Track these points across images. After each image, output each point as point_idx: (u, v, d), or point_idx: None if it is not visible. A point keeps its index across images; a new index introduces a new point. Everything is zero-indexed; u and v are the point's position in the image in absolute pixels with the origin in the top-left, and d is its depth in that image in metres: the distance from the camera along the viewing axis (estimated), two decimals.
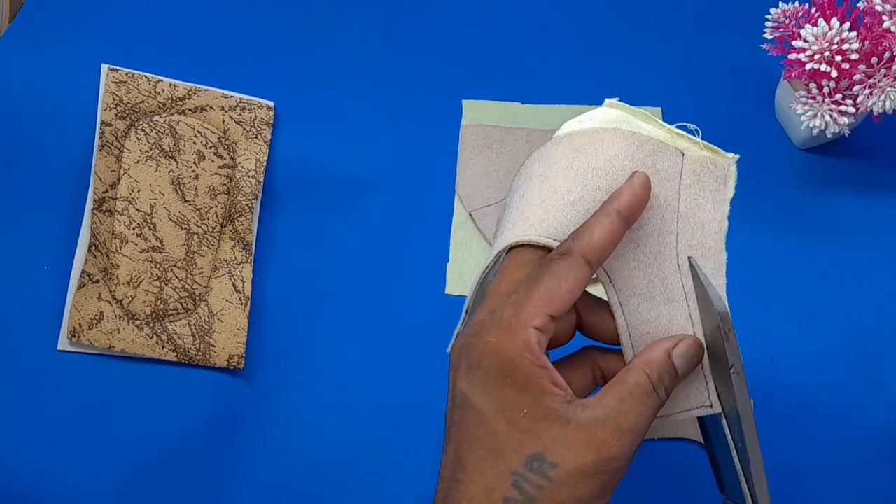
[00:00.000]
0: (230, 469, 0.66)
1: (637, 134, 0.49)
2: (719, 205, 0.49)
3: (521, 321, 0.41)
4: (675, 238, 0.48)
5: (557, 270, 0.42)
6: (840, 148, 0.74)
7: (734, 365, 0.45)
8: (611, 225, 0.44)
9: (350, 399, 0.67)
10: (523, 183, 0.50)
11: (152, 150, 0.70)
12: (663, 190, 0.48)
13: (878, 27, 0.66)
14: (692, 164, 0.49)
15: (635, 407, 0.41)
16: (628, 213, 0.45)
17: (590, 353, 0.50)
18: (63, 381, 0.66)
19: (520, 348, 0.41)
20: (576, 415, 0.40)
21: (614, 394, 0.42)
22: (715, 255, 0.48)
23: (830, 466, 0.65)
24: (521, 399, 0.40)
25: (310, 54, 0.77)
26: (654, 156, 0.49)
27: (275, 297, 0.70)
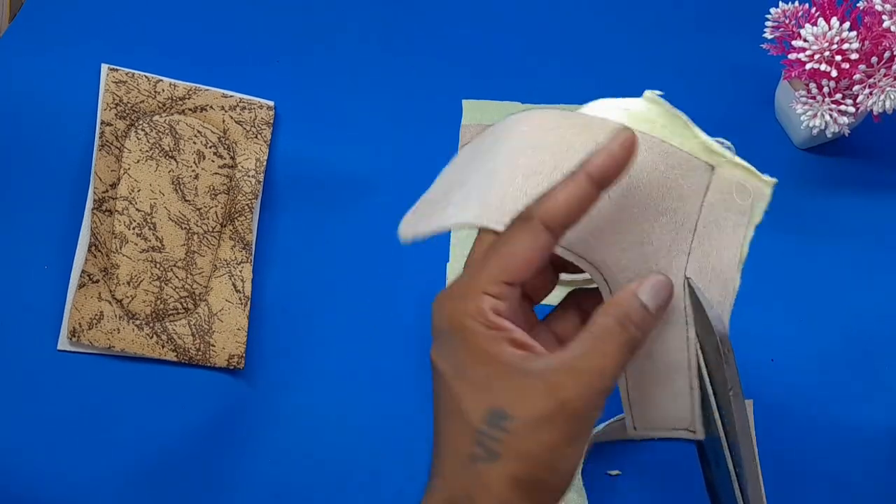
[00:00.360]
0: (230, 469, 0.65)
1: (663, 144, 0.46)
2: (741, 229, 0.46)
3: (474, 287, 0.41)
4: (686, 258, 0.46)
5: (515, 237, 0.41)
6: (840, 148, 0.74)
7: (733, 387, 0.44)
8: (577, 189, 0.41)
9: (350, 399, 0.67)
10: (516, 135, 0.46)
11: (152, 150, 0.70)
12: (682, 206, 0.46)
13: (878, 27, 0.66)
14: (721, 182, 0.46)
15: (597, 347, 0.40)
16: (600, 176, 0.41)
17: (573, 297, 0.49)
18: (63, 381, 0.66)
19: (472, 312, 0.41)
20: (533, 366, 0.40)
21: (577, 339, 0.41)
22: (724, 283, 0.46)
23: (830, 466, 0.65)
24: (476, 359, 0.40)
25: (310, 54, 0.77)
26: (678, 169, 0.46)
27: (275, 297, 0.70)
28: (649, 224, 0.45)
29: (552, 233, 0.41)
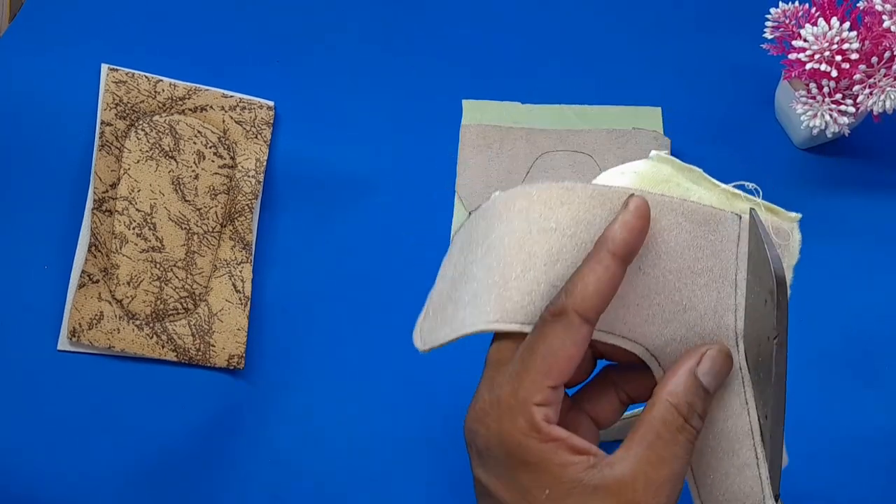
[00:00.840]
0: (230, 469, 0.65)
1: (684, 202, 0.43)
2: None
3: (521, 400, 0.38)
4: (733, 315, 0.43)
5: (553, 336, 0.39)
6: (840, 148, 0.74)
7: (779, 335, 0.42)
8: (606, 272, 0.39)
9: (350, 399, 0.67)
10: (516, 216, 0.43)
11: (152, 150, 0.70)
12: (718, 262, 0.43)
13: (878, 27, 0.66)
14: (748, 228, 0.44)
15: (667, 451, 0.38)
16: (625, 251, 0.40)
17: (609, 377, 0.46)
18: (63, 381, 0.66)
19: (524, 430, 0.38)
20: (602, 478, 0.37)
21: (641, 440, 0.38)
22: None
23: (830, 466, 0.65)
24: (539, 481, 0.37)
25: (310, 54, 0.77)
26: (706, 226, 0.43)
27: (275, 297, 0.70)
28: (688, 288, 0.43)
29: (589, 323, 0.39)
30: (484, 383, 0.41)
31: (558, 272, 0.42)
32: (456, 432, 0.66)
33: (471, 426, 0.40)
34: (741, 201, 0.45)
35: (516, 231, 0.43)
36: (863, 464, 0.65)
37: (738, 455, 0.43)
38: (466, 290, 0.44)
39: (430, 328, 0.45)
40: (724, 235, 0.44)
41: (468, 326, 0.42)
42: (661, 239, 0.42)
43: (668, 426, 0.38)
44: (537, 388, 0.38)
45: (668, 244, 0.43)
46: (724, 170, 0.73)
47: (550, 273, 0.42)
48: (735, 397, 0.43)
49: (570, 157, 0.73)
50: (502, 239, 0.43)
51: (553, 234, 0.42)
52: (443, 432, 0.66)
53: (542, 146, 0.74)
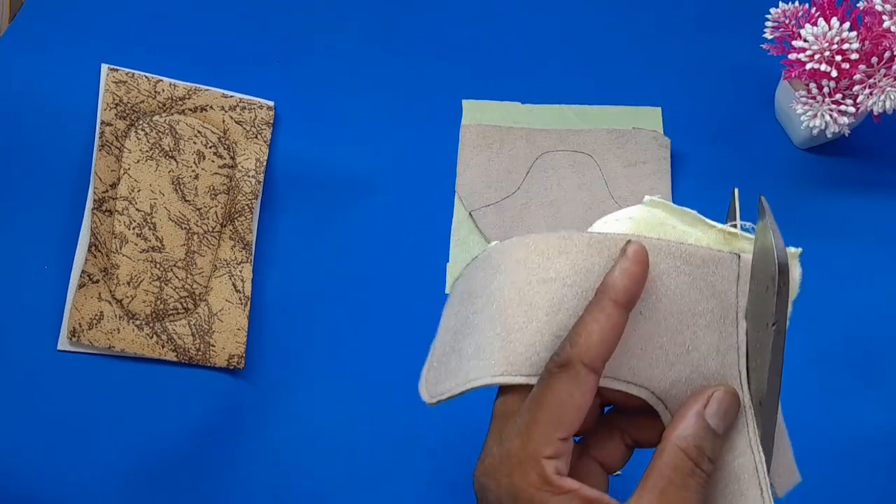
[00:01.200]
0: (230, 469, 0.65)
1: (681, 245, 0.43)
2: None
3: (531, 453, 0.38)
4: (736, 353, 0.43)
5: (560, 387, 0.38)
6: (840, 148, 0.74)
7: (778, 322, 0.42)
8: (609, 320, 0.39)
9: (350, 399, 0.67)
10: (513, 267, 0.43)
11: (152, 150, 0.70)
12: (718, 303, 0.43)
13: (878, 27, 0.66)
14: (749, 267, 0.44)
15: (678, 496, 0.37)
16: (626, 298, 0.39)
17: (615, 422, 0.46)
18: (63, 381, 0.66)
19: (536, 484, 0.38)
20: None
21: (652, 488, 0.38)
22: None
23: (830, 467, 0.65)
24: None
25: (310, 54, 0.77)
26: (704, 267, 0.43)
27: (275, 297, 0.70)
28: (690, 330, 0.43)
29: (595, 372, 0.39)
30: (492, 437, 0.40)
31: (561, 322, 0.42)
32: (455, 432, 0.66)
33: (481, 481, 0.40)
34: (739, 240, 0.44)
35: (516, 282, 0.43)
36: (863, 463, 0.65)
37: (746, 496, 0.42)
38: (469, 343, 0.43)
39: (436, 380, 0.45)
40: (723, 276, 0.43)
41: (473, 380, 0.42)
42: (661, 283, 0.42)
43: (678, 472, 0.38)
44: (547, 441, 0.38)
45: (667, 288, 0.42)
46: (724, 170, 0.74)
47: (553, 323, 0.41)
48: (742, 437, 0.42)
49: (570, 157, 0.73)
50: (502, 290, 0.43)
51: (553, 284, 0.42)
52: (442, 432, 0.66)
53: (542, 146, 0.74)
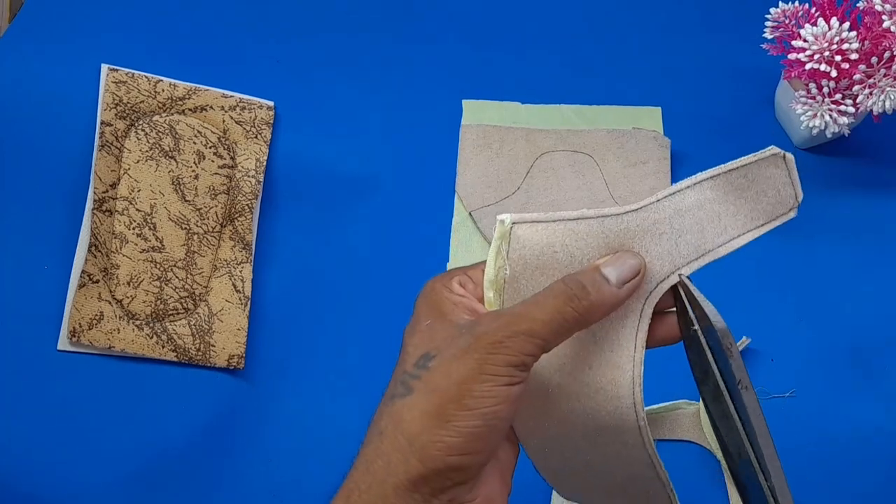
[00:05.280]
0: (230, 469, 0.65)
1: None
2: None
3: (454, 271, 0.44)
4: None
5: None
6: (840, 148, 0.74)
7: (741, 380, 0.43)
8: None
9: (350, 399, 0.67)
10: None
11: (152, 150, 0.70)
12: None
13: (878, 27, 0.66)
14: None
15: (531, 298, 0.40)
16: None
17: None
18: (63, 381, 0.66)
19: (442, 282, 0.43)
20: (471, 322, 0.40)
21: (531, 301, 0.40)
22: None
23: (830, 466, 0.65)
24: (429, 313, 0.42)
25: (310, 54, 0.77)
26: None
27: (275, 297, 0.70)
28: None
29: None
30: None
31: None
32: None
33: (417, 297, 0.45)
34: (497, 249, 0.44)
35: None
36: (863, 463, 0.65)
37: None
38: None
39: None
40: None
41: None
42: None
43: (548, 289, 0.40)
44: (471, 269, 0.44)
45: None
46: None
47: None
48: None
49: (570, 157, 0.73)
50: None
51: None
52: None
53: (542, 146, 0.74)
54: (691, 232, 0.43)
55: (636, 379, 0.43)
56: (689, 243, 0.43)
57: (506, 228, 0.41)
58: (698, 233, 0.43)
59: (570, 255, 0.42)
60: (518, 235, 0.41)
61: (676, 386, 0.65)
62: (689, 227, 0.43)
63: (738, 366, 0.43)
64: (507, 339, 0.38)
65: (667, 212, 0.43)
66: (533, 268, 0.42)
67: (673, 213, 0.43)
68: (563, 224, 0.42)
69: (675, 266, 0.43)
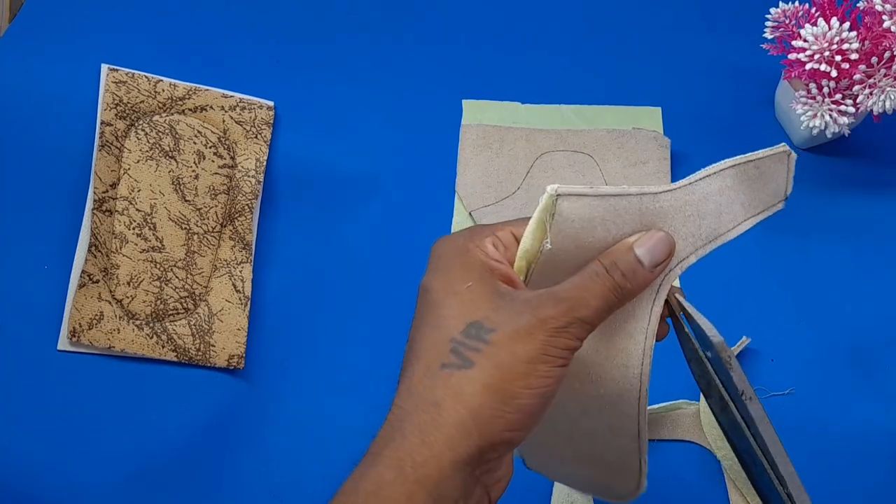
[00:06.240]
0: (230, 469, 0.65)
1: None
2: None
3: (485, 229, 0.43)
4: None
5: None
6: (840, 148, 0.74)
7: (744, 391, 0.44)
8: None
9: (350, 399, 0.67)
10: None
11: (152, 150, 0.70)
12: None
13: (878, 27, 0.66)
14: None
15: (580, 282, 0.41)
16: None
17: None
18: (63, 381, 0.66)
19: (475, 242, 0.42)
20: (519, 295, 0.41)
21: (565, 281, 0.42)
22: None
23: (830, 466, 0.65)
24: (466, 275, 0.41)
25: (310, 54, 0.77)
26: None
27: (275, 297, 0.70)
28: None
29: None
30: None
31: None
32: None
33: (437, 241, 0.44)
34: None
35: None
36: (863, 463, 0.65)
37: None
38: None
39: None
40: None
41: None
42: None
43: (590, 270, 0.42)
44: (502, 228, 0.43)
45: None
46: None
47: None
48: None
49: (570, 157, 0.73)
50: None
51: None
52: None
53: (542, 146, 0.74)
54: (711, 216, 0.44)
55: (647, 350, 0.44)
56: (709, 227, 0.44)
57: (551, 201, 0.41)
58: (716, 217, 0.44)
59: (607, 231, 0.42)
60: (563, 209, 0.41)
61: (676, 386, 0.65)
62: (711, 212, 0.44)
63: (739, 377, 0.44)
64: (569, 325, 0.40)
65: (696, 195, 0.43)
66: (570, 241, 0.42)
67: (701, 197, 0.44)
68: (604, 199, 0.42)
69: (695, 247, 0.44)
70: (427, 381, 0.40)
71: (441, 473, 0.39)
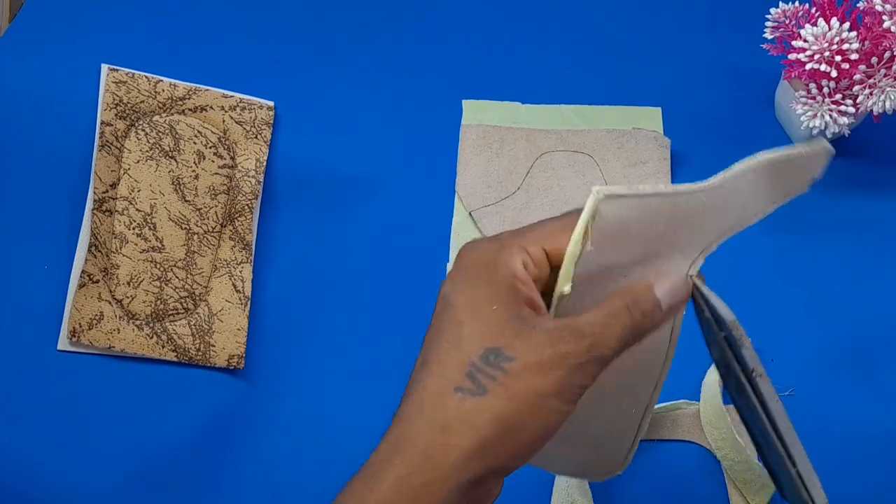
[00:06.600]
0: (230, 469, 0.65)
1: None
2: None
3: (517, 242, 0.42)
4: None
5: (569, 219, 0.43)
6: (840, 148, 0.74)
7: (755, 368, 0.44)
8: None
9: (350, 399, 0.67)
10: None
11: (152, 150, 0.70)
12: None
13: (878, 27, 0.66)
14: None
15: (601, 318, 0.41)
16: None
17: None
18: (63, 381, 0.66)
19: (505, 259, 0.41)
20: (542, 323, 0.40)
21: (585, 314, 0.42)
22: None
23: (830, 466, 0.65)
24: (493, 297, 0.41)
25: (310, 54, 0.77)
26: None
27: (275, 297, 0.70)
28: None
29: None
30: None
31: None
32: None
33: (464, 247, 0.43)
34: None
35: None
36: (863, 463, 0.65)
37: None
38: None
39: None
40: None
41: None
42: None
43: (610, 306, 0.42)
44: (532, 242, 0.42)
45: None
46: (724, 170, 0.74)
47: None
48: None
49: (570, 157, 0.73)
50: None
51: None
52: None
53: (542, 146, 0.74)
54: (738, 208, 0.44)
55: (674, 333, 0.45)
56: (733, 218, 0.44)
57: (596, 204, 0.41)
58: (741, 209, 0.44)
59: (641, 231, 0.42)
60: (601, 211, 0.41)
61: (676, 386, 0.65)
62: (738, 205, 0.44)
63: (751, 355, 0.44)
64: (587, 364, 0.40)
65: (728, 190, 0.43)
66: (608, 241, 0.42)
67: (731, 191, 0.43)
68: (640, 199, 0.42)
69: (718, 236, 0.44)
70: (438, 402, 0.40)
71: (442, 496, 0.39)
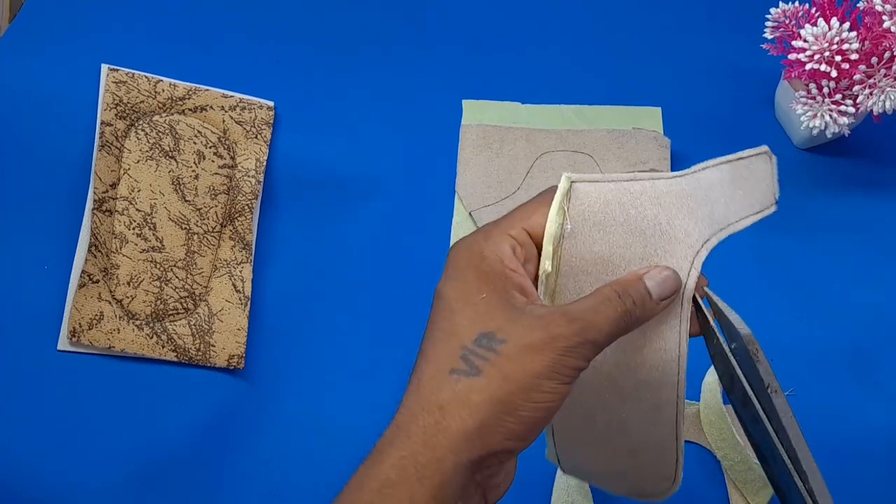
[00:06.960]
0: (230, 469, 0.65)
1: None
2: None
3: (500, 229, 0.44)
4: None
5: (538, 201, 0.44)
6: (840, 148, 0.74)
7: (770, 384, 0.45)
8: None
9: (350, 399, 0.67)
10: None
11: (152, 150, 0.70)
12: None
13: (878, 27, 0.66)
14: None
15: (593, 304, 0.42)
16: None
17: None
18: (63, 381, 0.66)
19: (491, 248, 0.43)
20: (534, 309, 0.41)
21: (576, 301, 0.43)
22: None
23: (830, 466, 0.65)
24: (482, 285, 0.42)
25: (310, 54, 0.77)
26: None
27: (275, 297, 0.70)
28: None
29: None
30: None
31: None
32: None
33: (453, 246, 0.45)
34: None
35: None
36: (862, 463, 0.65)
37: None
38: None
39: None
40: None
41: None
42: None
43: (601, 294, 0.43)
44: (514, 224, 0.44)
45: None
46: None
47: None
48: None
49: (570, 157, 0.73)
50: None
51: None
52: None
53: (542, 146, 0.74)
54: (720, 204, 0.45)
55: (683, 334, 0.45)
56: (720, 213, 0.45)
57: (568, 185, 0.43)
58: (725, 206, 0.45)
59: (626, 213, 0.43)
60: (579, 192, 0.43)
61: None
62: (718, 199, 0.45)
63: (765, 370, 0.45)
64: (579, 346, 0.41)
65: (703, 182, 0.45)
66: (591, 223, 0.43)
67: (708, 184, 0.45)
68: (617, 184, 0.43)
69: (713, 230, 0.45)
70: (434, 385, 0.41)
71: (443, 476, 0.39)
